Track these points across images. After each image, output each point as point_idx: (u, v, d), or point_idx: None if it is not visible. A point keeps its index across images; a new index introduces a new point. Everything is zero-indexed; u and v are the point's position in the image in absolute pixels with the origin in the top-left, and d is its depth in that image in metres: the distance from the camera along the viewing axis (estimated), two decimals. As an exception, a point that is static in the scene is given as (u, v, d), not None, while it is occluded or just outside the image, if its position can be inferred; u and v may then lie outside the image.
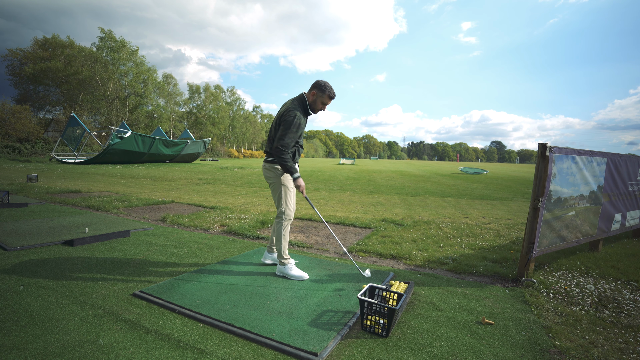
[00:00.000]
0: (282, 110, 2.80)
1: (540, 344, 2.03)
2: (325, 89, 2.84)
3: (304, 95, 2.89)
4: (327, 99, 2.87)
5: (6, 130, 27.11)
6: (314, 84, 2.89)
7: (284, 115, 2.74)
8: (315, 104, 2.88)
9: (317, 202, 8.11)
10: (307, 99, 2.87)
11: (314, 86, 2.88)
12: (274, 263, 3.25)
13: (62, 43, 35.73)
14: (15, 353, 1.72)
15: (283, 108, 2.83)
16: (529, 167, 58.19)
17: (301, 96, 2.89)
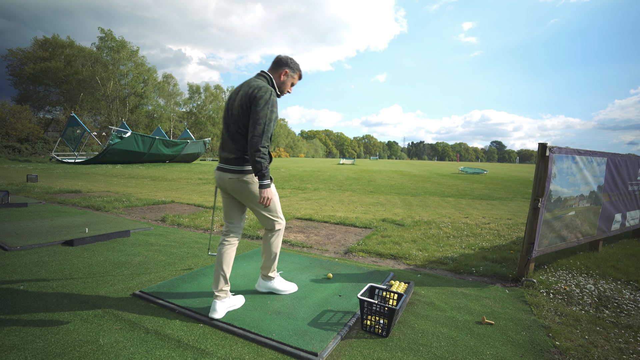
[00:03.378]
0: (253, 92, 2.07)
1: (540, 344, 2.03)
2: (297, 66, 2.34)
3: (270, 75, 2.28)
4: (297, 78, 2.40)
5: (6, 130, 27.11)
6: (281, 61, 2.31)
7: (259, 99, 2.04)
8: (285, 85, 2.33)
9: (317, 202, 8.11)
10: (274, 79, 2.28)
11: (283, 64, 2.30)
12: (270, 292, 2.58)
13: (62, 43, 35.74)
14: (15, 353, 1.72)
15: (250, 89, 2.09)
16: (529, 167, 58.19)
17: (266, 76, 2.27)
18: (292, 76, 2.35)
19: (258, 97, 2.04)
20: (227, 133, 2.19)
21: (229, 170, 2.17)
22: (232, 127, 2.15)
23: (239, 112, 2.10)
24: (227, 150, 2.18)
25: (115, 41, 39.00)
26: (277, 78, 2.30)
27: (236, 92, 2.19)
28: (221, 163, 2.23)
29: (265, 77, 2.26)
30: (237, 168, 2.15)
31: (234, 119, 2.13)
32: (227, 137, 2.19)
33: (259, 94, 2.05)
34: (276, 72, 2.30)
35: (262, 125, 2.01)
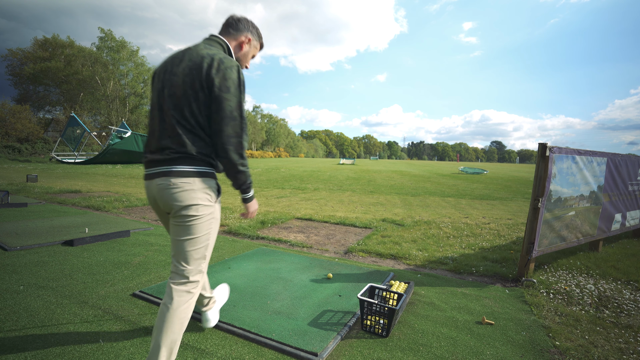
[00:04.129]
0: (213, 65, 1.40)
1: (540, 344, 2.03)
2: (258, 31, 1.72)
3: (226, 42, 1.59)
4: (260, 47, 1.77)
5: (6, 130, 27.11)
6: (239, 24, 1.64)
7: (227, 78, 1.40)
8: (247, 58, 1.69)
9: (317, 202, 8.11)
10: (232, 49, 1.61)
11: (244, 27, 1.63)
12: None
13: (62, 43, 35.73)
14: (15, 353, 1.72)
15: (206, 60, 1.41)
16: (529, 167, 58.21)
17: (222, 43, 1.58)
18: (255, 46, 1.71)
19: (226, 75, 1.38)
20: (161, 124, 1.45)
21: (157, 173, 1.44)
22: (170, 114, 1.41)
23: (185, 93, 1.40)
24: (158, 150, 1.45)
25: (115, 41, 38.98)
26: (237, 48, 1.63)
27: (176, 62, 1.47)
28: (148, 168, 1.49)
29: (221, 44, 1.57)
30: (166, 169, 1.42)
31: (175, 102, 1.41)
32: (160, 129, 1.45)
33: (223, 69, 1.39)
34: (235, 39, 1.61)
35: (238, 120, 1.41)
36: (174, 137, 1.42)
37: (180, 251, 1.47)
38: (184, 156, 1.42)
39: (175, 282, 1.48)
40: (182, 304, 1.44)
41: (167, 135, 1.43)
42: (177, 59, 1.49)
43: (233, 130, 1.41)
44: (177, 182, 1.41)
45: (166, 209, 1.50)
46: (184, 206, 1.43)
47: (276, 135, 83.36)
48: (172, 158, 1.42)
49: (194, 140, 1.43)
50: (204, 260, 1.52)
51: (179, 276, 1.48)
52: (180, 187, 1.42)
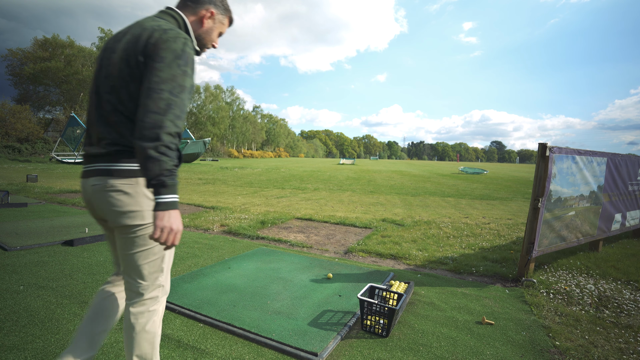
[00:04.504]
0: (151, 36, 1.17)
1: (540, 344, 2.03)
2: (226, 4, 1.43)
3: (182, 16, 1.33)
4: (227, 24, 1.47)
5: (6, 130, 27.11)
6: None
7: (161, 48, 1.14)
8: (209, 35, 1.39)
9: (317, 202, 8.11)
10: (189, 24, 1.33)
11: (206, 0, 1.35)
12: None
13: (62, 43, 35.72)
14: (15, 353, 1.72)
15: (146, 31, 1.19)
16: (529, 167, 58.22)
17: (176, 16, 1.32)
18: (221, 21, 1.41)
19: (160, 44, 1.14)
20: (97, 110, 1.23)
21: (92, 171, 1.23)
22: (106, 98, 1.20)
23: (122, 72, 1.18)
24: (95, 141, 1.24)
25: (115, 41, 39.02)
26: (197, 24, 1.35)
27: (118, 38, 1.24)
28: (85, 164, 1.28)
29: (175, 18, 1.31)
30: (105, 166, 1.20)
31: (112, 83, 1.20)
32: (97, 116, 1.23)
33: (163, 38, 1.15)
34: (194, 14, 1.35)
35: (166, 95, 1.10)
36: (111, 125, 1.19)
37: (132, 266, 1.26)
38: (123, 150, 1.19)
39: (131, 302, 1.28)
40: (144, 325, 1.27)
41: (103, 123, 1.21)
42: (120, 34, 1.25)
43: (155, 104, 1.08)
44: (117, 184, 1.18)
45: (103, 216, 1.25)
46: (127, 214, 1.19)
47: (276, 135, 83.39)
48: (110, 152, 1.19)
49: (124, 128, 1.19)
50: (162, 273, 1.30)
51: (134, 294, 1.27)
52: (121, 190, 1.18)
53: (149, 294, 1.28)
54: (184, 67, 1.16)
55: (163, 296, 1.35)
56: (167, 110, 1.10)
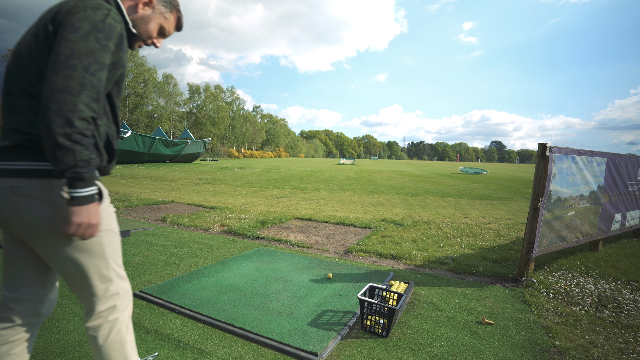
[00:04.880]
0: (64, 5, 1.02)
1: (540, 344, 2.03)
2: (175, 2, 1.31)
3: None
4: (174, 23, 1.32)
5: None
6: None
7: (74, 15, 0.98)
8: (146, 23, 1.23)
9: (317, 202, 8.11)
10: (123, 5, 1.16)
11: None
12: None
13: (62, 43, 35.72)
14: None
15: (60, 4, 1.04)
16: (529, 167, 58.23)
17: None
18: (163, 14, 1.26)
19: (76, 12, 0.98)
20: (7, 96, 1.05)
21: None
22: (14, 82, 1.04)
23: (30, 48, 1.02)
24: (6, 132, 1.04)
25: (115, 41, 39.01)
26: (133, 8, 1.20)
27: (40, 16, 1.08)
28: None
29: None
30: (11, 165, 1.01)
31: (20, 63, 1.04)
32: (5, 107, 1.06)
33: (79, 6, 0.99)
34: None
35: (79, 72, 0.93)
36: (18, 112, 1.02)
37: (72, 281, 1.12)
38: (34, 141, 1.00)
39: (86, 317, 1.17)
40: (107, 336, 1.17)
41: (11, 111, 1.03)
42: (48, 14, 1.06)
43: (65, 82, 0.91)
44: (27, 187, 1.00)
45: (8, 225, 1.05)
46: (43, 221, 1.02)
47: (276, 135, 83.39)
48: (19, 145, 1.01)
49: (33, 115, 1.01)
50: (112, 282, 1.16)
51: (86, 308, 1.17)
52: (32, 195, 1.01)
53: (102, 306, 1.16)
54: (105, 40, 0.99)
55: (123, 301, 1.21)
56: (81, 90, 0.93)
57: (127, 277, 1.26)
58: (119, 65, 1.09)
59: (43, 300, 1.20)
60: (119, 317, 1.20)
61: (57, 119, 0.90)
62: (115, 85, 1.14)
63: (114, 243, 1.18)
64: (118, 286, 1.19)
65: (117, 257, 1.20)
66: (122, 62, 1.10)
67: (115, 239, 1.19)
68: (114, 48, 1.03)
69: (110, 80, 1.07)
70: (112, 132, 1.13)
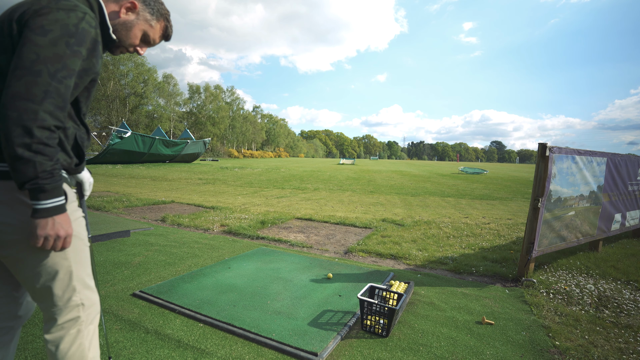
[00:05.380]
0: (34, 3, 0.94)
1: (540, 344, 2.03)
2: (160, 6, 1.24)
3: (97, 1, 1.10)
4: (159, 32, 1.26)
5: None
6: None
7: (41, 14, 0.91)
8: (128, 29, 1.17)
9: (317, 202, 8.11)
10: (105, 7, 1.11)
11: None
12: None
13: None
14: (16, 353, 1.72)
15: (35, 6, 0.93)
16: (529, 167, 58.24)
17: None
18: (148, 21, 1.21)
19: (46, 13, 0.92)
20: None
21: None
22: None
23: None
24: None
25: (115, 41, 39.02)
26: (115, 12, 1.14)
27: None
28: None
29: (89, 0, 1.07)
30: None
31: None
32: None
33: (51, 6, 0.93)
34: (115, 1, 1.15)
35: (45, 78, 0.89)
36: None
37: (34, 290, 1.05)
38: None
39: (46, 327, 1.10)
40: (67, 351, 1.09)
41: None
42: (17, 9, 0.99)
43: (27, 89, 0.86)
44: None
45: None
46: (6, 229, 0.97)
47: (276, 135, 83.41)
48: None
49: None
50: (76, 292, 1.09)
51: (47, 319, 1.10)
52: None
53: (64, 317, 1.09)
54: (77, 46, 0.93)
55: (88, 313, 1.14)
56: (45, 98, 0.88)
57: (96, 289, 1.19)
58: (91, 71, 1.03)
59: (19, 302, 1.15)
60: (83, 330, 1.12)
61: (15, 128, 0.85)
62: (84, 91, 1.08)
63: (79, 250, 1.10)
64: (82, 296, 1.11)
65: (84, 265, 1.12)
66: (94, 69, 1.04)
67: (81, 245, 1.11)
68: (86, 54, 0.97)
69: (79, 86, 1.01)
70: (81, 134, 1.09)
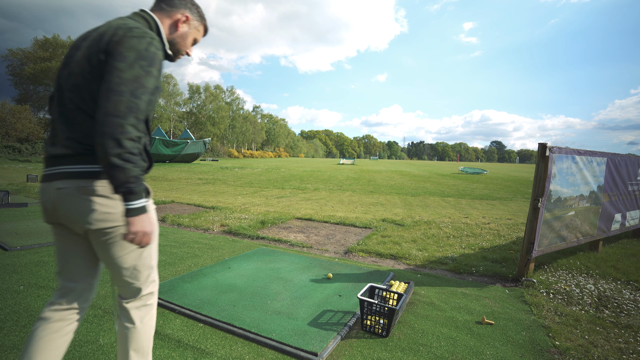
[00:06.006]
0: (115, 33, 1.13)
1: (540, 344, 2.03)
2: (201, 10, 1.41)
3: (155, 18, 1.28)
4: (202, 33, 1.46)
5: (6, 130, 27.12)
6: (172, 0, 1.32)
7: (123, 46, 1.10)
8: (184, 40, 1.36)
9: (317, 202, 8.11)
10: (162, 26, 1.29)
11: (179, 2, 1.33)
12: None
13: (62, 43, 35.72)
14: (16, 353, 1.72)
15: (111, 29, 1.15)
16: (529, 167, 58.23)
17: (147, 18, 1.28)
18: (197, 28, 1.39)
19: (124, 42, 1.09)
20: (60, 110, 1.18)
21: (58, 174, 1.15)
22: (69, 97, 1.16)
23: (84, 71, 1.13)
24: (60, 142, 1.17)
25: (115, 41, 39.01)
26: (172, 27, 1.32)
27: (85, 37, 1.21)
28: (47, 167, 1.20)
29: (147, 20, 1.27)
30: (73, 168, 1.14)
31: (75, 81, 1.15)
32: (60, 117, 1.18)
33: (127, 36, 1.11)
34: (168, 16, 1.31)
35: (127, 97, 1.05)
36: (75, 124, 1.15)
37: (123, 269, 1.24)
38: (91, 149, 1.14)
39: (127, 300, 1.29)
40: (142, 319, 1.31)
41: (67, 122, 1.16)
42: (88, 33, 1.23)
43: (115, 107, 1.04)
44: (88, 187, 1.13)
45: (70, 221, 1.17)
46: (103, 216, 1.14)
47: (276, 135, 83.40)
48: (77, 153, 1.14)
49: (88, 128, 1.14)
50: (152, 270, 1.34)
51: (129, 293, 1.29)
52: (94, 193, 1.13)
53: (144, 291, 1.31)
54: (148, 67, 1.11)
55: (157, 289, 1.38)
56: (128, 113, 1.05)
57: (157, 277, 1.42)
58: (160, 89, 1.22)
59: (92, 289, 1.35)
60: (154, 303, 1.36)
61: (109, 141, 1.03)
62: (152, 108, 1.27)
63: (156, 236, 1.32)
64: (155, 275, 1.35)
65: (156, 249, 1.36)
66: (161, 86, 1.24)
67: (157, 233, 1.32)
68: (157, 73, 1.15)
69: (153, 102, 1.18)
70: (147, 142, 1.25)
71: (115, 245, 1.20)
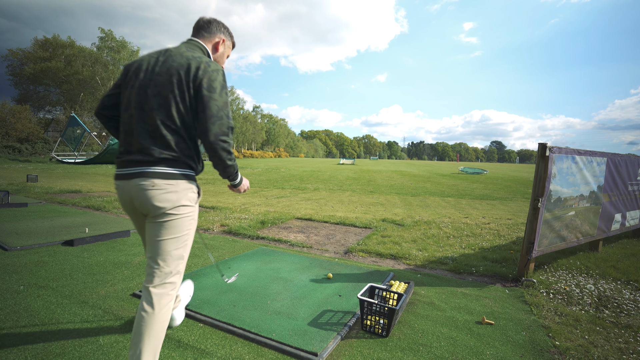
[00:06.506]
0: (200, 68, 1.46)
1: (540, 344, 2.03)
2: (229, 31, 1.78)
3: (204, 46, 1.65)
4: (232, 46, 1.84)
5: (6, 130, 27.10)
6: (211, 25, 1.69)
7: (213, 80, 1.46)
8: (223, 59, 1.77)
9: (317, 202, 8.11)
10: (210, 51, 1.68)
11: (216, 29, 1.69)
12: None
13: (62, 43, 35.71)
14: (15, 353, 1.72)
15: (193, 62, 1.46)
16: (529, 167, 58.23)
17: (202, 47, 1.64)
18: (229, 46, 1.78)
19: (211, 77, 1.45)
20: (141, 124, 1.43)
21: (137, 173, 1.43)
22: (153, 114, 1.42)
23: (172, 93, 1.42)
24: (136, 151, 1.45)
25: (116, 41, 38.97)
26: (214, 50, 1.70)
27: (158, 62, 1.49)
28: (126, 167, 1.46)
29: (201, 48, 1.62)
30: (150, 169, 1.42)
31: (161, 101, 1.42)
32: (141, 130, 1.43)
33: (210, 71, 1.46)
34: (210, 42, 1.68)
35: (225, 118, 1.45)
36: (157, 137, 1.43)
37: (160, 251, 1.47)
38: (167, 158, 1.44)
39: (153, 285, 1.45)
40: (162, 307, 1.44)
41: (149, 135, 1.43)
42: (158, 59, 1.51)
43: (220, 129, 1.44)
44: (161, 184, 1.42)
45: (144, 211, 1.48)
46: (167, 208, 1.45)
47: (276, 135, 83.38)
48: (156, 159, 1.42)
49: (178, 141, 1.46)
50: (182, 261, 1.54)
51: (157, 278, 1.46)
52: (164, 189, 1.43)
53: (170, 278, 1.49)
54: (227, 92, 1.53)
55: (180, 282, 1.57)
56: (228, 130, 1.47)
57: None
58: None
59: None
60: (173, 297, 1.51)
61: (223, 152, 1.47)
62: None
63: (193, 229, 1.60)
64: (182, 267, 1.55)
65: (190, 245, 1.59)
66: None
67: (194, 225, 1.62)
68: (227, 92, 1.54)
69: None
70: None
71: (164, 228, 1.46)
